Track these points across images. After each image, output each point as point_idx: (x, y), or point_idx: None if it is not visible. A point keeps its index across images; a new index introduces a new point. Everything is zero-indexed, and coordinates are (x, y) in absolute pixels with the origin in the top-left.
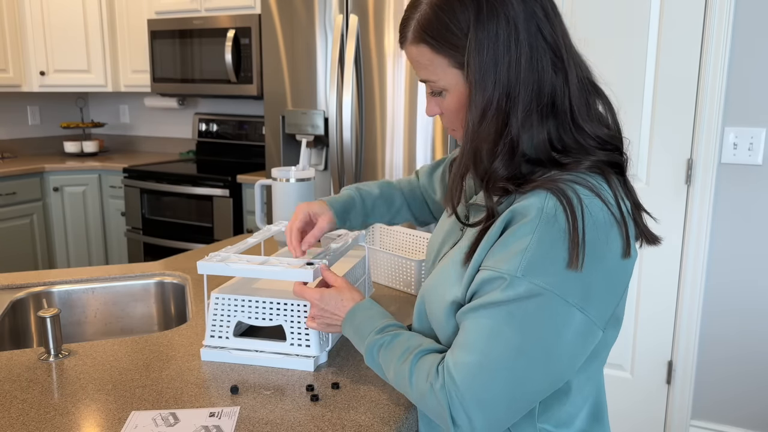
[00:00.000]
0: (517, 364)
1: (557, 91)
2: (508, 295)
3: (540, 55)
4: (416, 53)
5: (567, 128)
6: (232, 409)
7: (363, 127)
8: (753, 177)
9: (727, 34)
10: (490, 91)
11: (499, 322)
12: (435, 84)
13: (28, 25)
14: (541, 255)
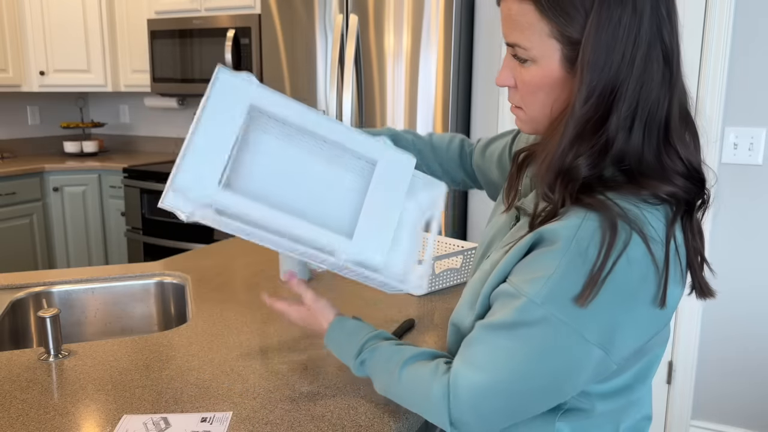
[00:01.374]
0: (526, 388)
1: (660, 101)
2: (524, 318)
3: (654, 56)
4: (517, 10)
5: (653, 144)
6: (225, 414)
7: (363, 127)
8: (753, 177)
9: (727, 33)
10: (597, 76)
11: (515, 346)
12: (525, 51)
13: (28, 25)
14: (563, 287)
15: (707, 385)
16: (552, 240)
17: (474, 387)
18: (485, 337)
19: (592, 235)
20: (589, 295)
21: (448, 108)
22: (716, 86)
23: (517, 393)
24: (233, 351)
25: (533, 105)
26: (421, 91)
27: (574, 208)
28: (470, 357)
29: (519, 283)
